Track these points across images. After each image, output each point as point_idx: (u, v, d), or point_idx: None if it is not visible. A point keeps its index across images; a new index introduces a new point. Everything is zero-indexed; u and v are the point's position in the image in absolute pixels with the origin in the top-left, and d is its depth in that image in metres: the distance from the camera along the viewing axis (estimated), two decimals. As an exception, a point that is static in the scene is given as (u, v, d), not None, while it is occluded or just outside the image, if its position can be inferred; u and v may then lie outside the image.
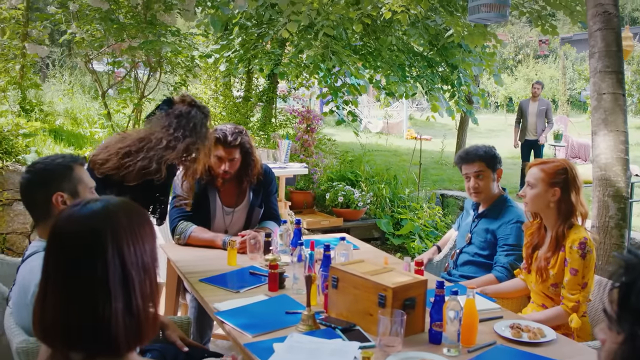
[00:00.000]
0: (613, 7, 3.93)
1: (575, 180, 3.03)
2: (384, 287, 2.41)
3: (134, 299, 1.41)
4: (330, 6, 6.37)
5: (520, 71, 28.03)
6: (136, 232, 1.44)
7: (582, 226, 3.02)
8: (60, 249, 1.40)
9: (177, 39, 7.43)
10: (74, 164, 2.38)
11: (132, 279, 1.41)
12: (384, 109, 19.71)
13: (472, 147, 3.76)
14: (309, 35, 7.66)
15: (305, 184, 8.08)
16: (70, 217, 1.43)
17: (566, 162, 3.12)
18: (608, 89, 3.88)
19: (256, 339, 2.37)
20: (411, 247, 7.24)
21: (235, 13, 7.51)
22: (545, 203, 3.05)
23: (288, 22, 6.01)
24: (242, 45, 8.00)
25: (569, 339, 2.60)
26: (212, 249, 3.65)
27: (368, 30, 8.53)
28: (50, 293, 1.39)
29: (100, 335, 1.36)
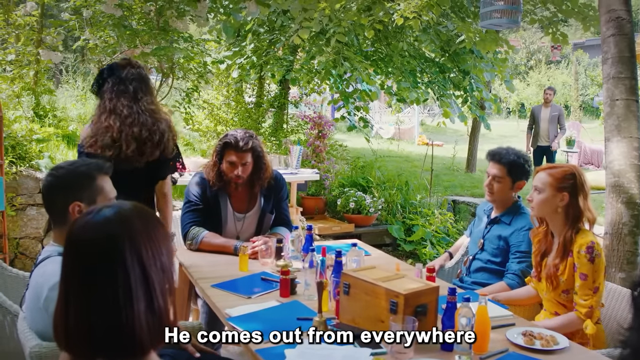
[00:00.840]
0: (626, 12, 3.91)
1: (583, 186, 3.02)
2: (395, 294, 2.40)
3: (155, 299, 1.42)
4: (342, 12, 6.38)
5: (533, 77, 27.97)
6: (151, 235, 1.46)
7: (589, 231, 3.01)
8: (79, 256, 1.42)
9: (189, 45, 7.46)
10: (98, 174, 2.37)
11: (152, 280, 1.42)
12: (395, 114, 19.70)
13: (505, 150, 3.68)
14: (321, 42, 7.68)
15: (316, 189, 8.09)
16: (85, 225, 1.45)
17: (574, 167, 3.11)
18: (621, 95, 3.86)
19: (268, 345, 2.37)
20: (422, 254, 7.22)
21: (247, 19, 7.53)
22: (553, 208, 3.04)
23: (300, 28, 6.02)
24: (254, 52, 8.03)
25: (582, 347, 2.58)
26: (224, 254, 3.66)
27: (379, 36, 8.53)
28: (73, 301, 1.40)
29: (125, 337, 1.37)
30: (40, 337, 2.17)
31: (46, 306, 2.10)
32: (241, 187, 3.84)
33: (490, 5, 5.02)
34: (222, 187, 3.81)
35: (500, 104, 10.91)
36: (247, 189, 3.88)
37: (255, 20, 7.83)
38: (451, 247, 4.37)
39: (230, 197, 3.88)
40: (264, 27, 8.24)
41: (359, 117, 8.83)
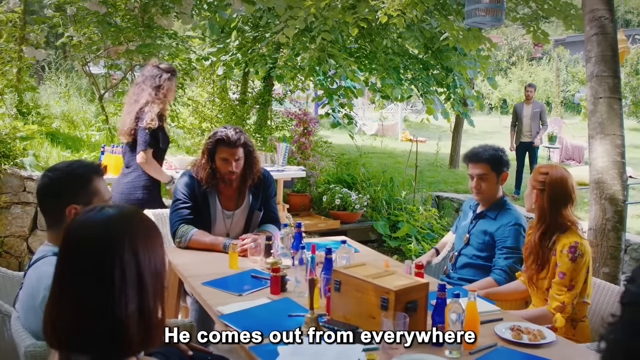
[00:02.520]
0: (608, 12, 3.97)
1: (554, 188, 3.09)
2: (386, 290, 2.44)
3: (146, 302, 1.44)
4: (327, 10, 6.40)
5: (514, 73, 28.15)
6: (150, 239, 1.49)
7: (576, 231, 3.06)
8: (77, 254, 1.43)
9: (173, 42, 7.46)
10: (93, 175, 2.36)
11: (146, 282, 1.44)
12: (379, 111, 19.76)
13: (480, 148, 3.78)
14: (305, 39, 7.70)
15: (302, 186, 8.11)
16: (84, 223, 1.46)
17: (553, 169, 3.16)
18: (604, 93, 3.93)
19: (260, 342, 2.40)
20: (408, 249, 7.27)
21: (233, 17, 7.54)
22: (530, 203, 3.19)
23: (285, 26, 6.04)
24: (239, 49, 8.03)
25: (568, 341, 2.64)
26: (213, 252, 3.67)
27: (363, 33, 8.57)
28: (67, 298, 1.41)
29: (116, 336, 1.39)
30: (34, 336, 2.17)
31: (42, 307, 2.11)
32: (230, 185, 3.86)
33: (475, 3, 5.07)
34: (212, 185, 3.83)
35: (482, 100, 10.99)
36: (235, 187, 3.90)
37: (240, 18, 7.83)
38: (437, 243, 4.42)
39: (218, 195, 3.89)
40: (248, 24, 8.24)
41: (343, 113, 8.86)
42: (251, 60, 7.94)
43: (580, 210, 7.36)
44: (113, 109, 7.75)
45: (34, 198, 5.83)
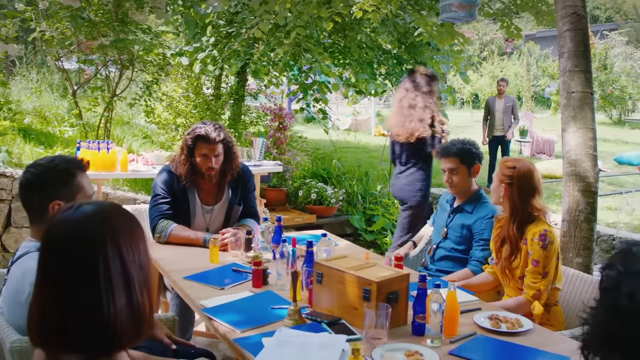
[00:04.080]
0: (581, 8, 4.06)
1: (522, 181, 3.17)
2: (368, 282, 2.48)
3: (135, 295, 1.45)
4: (302, 5, 6.41)
5: (486, 68, 28.41)
6: (131, 232, 1.49)
7: (544, 220, 3.15)
8: (59, 253, 1.42)
9: (148, 36, 7.41)
10: (77, 171, 2.35)
11: (132, 277, 1.45)
12: (352, 106, 19.81)
13: (450, 142, 3.87)
14: (279, 34, 7.69)
15: (278, 181, 8.13)
16: (64, 222, 1.45)
17: (520, 163, 3.25)
18: (577, 87, 4.01)
19: (245, 334, 2.43)
20: (384, 243, 7.34)
21: (208, 12, 7.50)
22: (497, 196, 3.27)
23: (260, 20, 6.04)
24: (214, 46, 8.01)
25: (544, 328, 2.71)
26: (193, 246, 3.69)
27: (337, 28, 8.59)
28: (51, 297, 1.40)
29: (106, 332, 1.40)
30: (20, 332, 2.17)
31: (28, 302, 2.11)
32: (209, 180, 3.87)
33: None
34: (191, 180, 3.84)
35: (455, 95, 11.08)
36: (214, 182, 3.92)
37: (215, 13, 7.80)
38: (415, 236, 4.48)
39: (198, 190, 3.91)
40: (223, 19, 8.21)
41: (318, 108, 8.88)
42: (226, 57, 7.92)
43: (552, 203, 7.48)
44: (87, 105, 7.68)
45: (7, 195, 5.77)
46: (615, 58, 23.63)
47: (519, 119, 11.13)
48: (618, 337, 1.10)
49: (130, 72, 7.55)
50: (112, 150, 5.32)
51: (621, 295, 1.11)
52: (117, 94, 7.48)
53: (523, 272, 3.13)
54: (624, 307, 1.10)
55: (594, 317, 1.19)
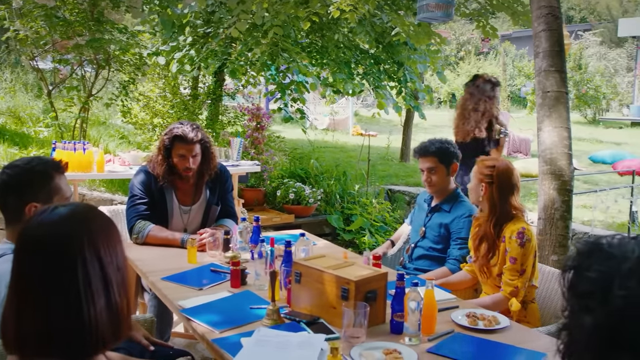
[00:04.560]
0: (556, 9, 4.11)
1: (502, 180, 3.20)
2: (346, 281, 2.49)
3: (113, 298, 1.44)
4: (279, 5, 6.41)
5: (463, 68, 28.58)
6: (108, 234, 1.48)
7: (521, 218, 3.19)
8: (35, 254, 1.40)
9: (124, 36, 7.35)
10: (55, 173, 2.31)
11: (111, 279, 1.44)
12: (330, 105, 19.82)
13: (428, 142, 3.89)
14: (257, 33, 7.68)
15: (256, 181, 8.11)
16: (41, 223, 1.44)
17: (498, 162, 3.29)
18: (552, 87, 4.06)
19: (223, 335, 2.43)
20: (362, 242, 7.36)
21: (185, 12, 7.46)
22: (476, 196, 3.28)
23: (238, 21, 6.02)
24: (192, 45, 7.97)
25: (521, 325, 2.75)
26: (171, 247, 3.67)
27: (315, 28, 8.59)
28: (27, 300, 1.39)
29: (86, 335, 1.38)
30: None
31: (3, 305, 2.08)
32: (187, 180, 3.86)
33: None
34: (168, 181, 3.82)
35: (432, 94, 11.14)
36: (192, 182, 3.90)
37: (192, 13, 7.76)
38: (393, 235, 4.50)
39: (175, 190, 3.89)
40: (200, 19, 8.17)
41: (296, 108, 8.87)
42: (204, 57, 7.88)
43: (528, 201, 7.56)
44: (63, 105, 7.61)
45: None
46: (590, 58, 23.93)
47: (495, 119, 11.20)
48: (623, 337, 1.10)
49: (106, 71, 7.49)
50: (88, 150, 5.28)
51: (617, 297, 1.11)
52: (93, 94, 7.42)
53: (501, 269, 3.16)
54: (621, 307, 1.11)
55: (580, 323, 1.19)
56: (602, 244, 1.19)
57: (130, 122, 8.59)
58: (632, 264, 1.12)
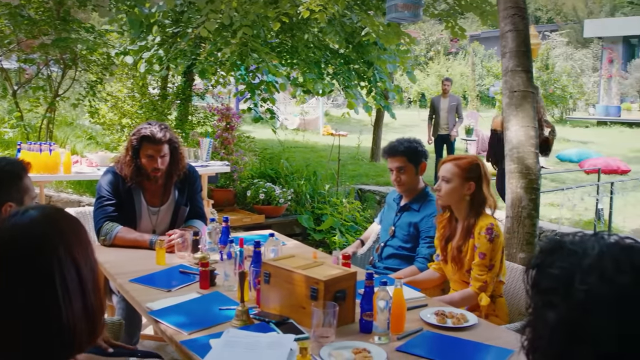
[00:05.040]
0: (523, 9, 4.16)
1: (486, 175, 3.26)
2: (315, 281, 2.49)
3: (89, 298, 1.43)
4: (248, 4, 6.39)
5: (432, 68, 28.79)
6: (79, 235, 1.47)
7: (489, 214, 3.23)
8: (8, 260, 1.38)
9: (91, 36, 7.27)
10: (22, 172, 2.32)
11: (86, 279, 1.43)
12: (300, 105, 19.83)
13: (397, 142, 3.90)
14: (226, 33, 7.64)
15: (226, 181, 8.08)
16: (13, 228, 1.42)
17: (477, 158, 3.35)
18: (519, 87, 4.11)
19: (192, 336, 2.41)
20: (332, 242, 7.36)
21: (153, 11, 7.40)
22: (460, 196, 3.24)
23: (206, 20, 5.99)
24: (160, 45, 7.90)
25: (489, 323, 2.77)
26: (139, 249, 3.63)
27: (285, 28, 8.58)
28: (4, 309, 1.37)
29: (64, 337, 1.37)
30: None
31: None
32: (155, 181, 3.83)
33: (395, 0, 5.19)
34: (136, 181, 3.79)
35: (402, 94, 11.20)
36: (161, 183, 3.87)
37: (160, 13, 7.70)
38: (363, 234, 4.51)
39: (143, 191, 3.85)
40: (169, 19, 8.11)
41: (266, 108, 8.86)
42: (172, 56, 7.82)
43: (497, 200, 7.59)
44: (28, 106, 7.49)
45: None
46: (557, 58, 24.28)
47: (463, 118, 11.32)
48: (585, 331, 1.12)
49: (73, 71, 7.40)
50: (54, 151, 5.20)
51: (579, 292, 1.13)
52: (59, 94, 7.32)
53: (470, 265, 3.19)
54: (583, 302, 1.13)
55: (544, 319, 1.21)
56: (564, 242, 1.22)
57: (98, 122, 8.49)
58: (592, 260, 1.15)
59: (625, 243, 1.18)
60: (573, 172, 11.79)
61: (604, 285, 1.12)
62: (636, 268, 1.13)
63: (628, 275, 1.12)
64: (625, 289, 1.11)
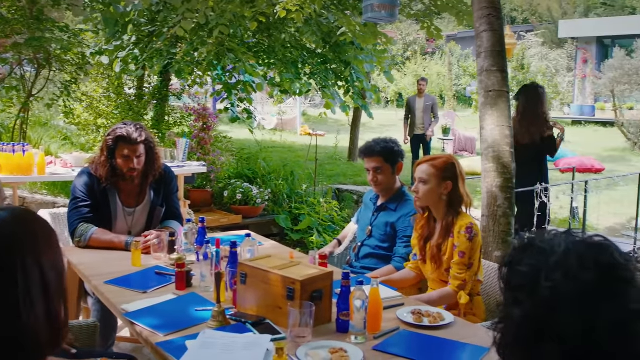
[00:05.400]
0: (496, 9, 4.19)
1: (462, 173, 3.28)
2: (292, 281, 2.49)
3: (53, 303, 1.41)
4: (225, 4, 6.36)
5: (409, 67, 28.86)
6: (47, 238, 1.45)
7: (467, 214, 3.25)
8: None
9: (65, 35, 7.19)
10: None
11: (50, 284, 1.40)
12: (278, 105, 19.80)
13: (373, 142, 3.90)
14: (203, 33, 7.60)
15: (203, 182, 8.04)
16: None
17: (452, 157, 3.37)
18: (494, 86, 4.13)
19: (168, 338, 2.39)
20: (310, 242, 7.36)
21: (128, 10, 7.34)
22: (438, 196, 3.26)
23: (183, 19, 5.95)
24: (136, 45, 7.83)
25: (465, 321, 2.79)
26: (115, 250, 3.60)
27: (262, 28, 8.56)
28: None
29: (26, 343, 1.34)
30: None
31: None
32: (131, 181, 3.79)
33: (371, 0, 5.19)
34: (111, 182, 3.75)
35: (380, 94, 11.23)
36: (136, 183, 3.84)
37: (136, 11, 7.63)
38: (339, 234, 4.51)
39: (119, 192, 3.82)
40: (144, 18, 8.04)
41: (243, 108, 8.83)
42: (149, 56, 7.76)
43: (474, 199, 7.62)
44: (1, 106, 7.39)
45: None
46: (532, 58, 24.50)
47: (438, 118, 11.37)
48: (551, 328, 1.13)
49: (47, 71, 7.31)
50: (28, 152, 5.13)
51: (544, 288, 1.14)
52: (33, 95, 7.24)
53: (449, 264, 3.20)
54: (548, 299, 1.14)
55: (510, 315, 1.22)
56: (535, 240, 1.23)
57: (73, 123, 8.40)
58: (558, 257, 1.16)
59: (592, 241, 1.20)
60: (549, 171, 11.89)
61: (568, 282, 1.13)
62: (600, 265, 1.15)
63: (592, 272, 1.14)
64: (588, 286, 1.13)
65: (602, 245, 1.19)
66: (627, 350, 1.12)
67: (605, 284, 1.14)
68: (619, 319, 1.11)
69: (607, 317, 1.10)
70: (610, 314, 1.11)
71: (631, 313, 1.12)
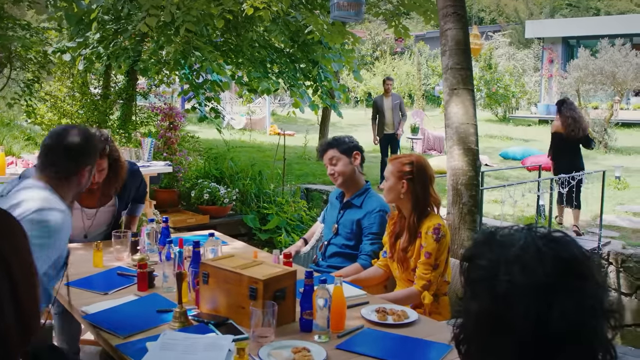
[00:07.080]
0: (461, 8, 4.20)
1: (422, 173, 3.26)
2: (254, 280, 2.46)
3: (23, 309, 1.36)
4: (190, 1, 6.30)
5: (378, 67, 28.99)
6: (17, 238, 1.40)
7: (437, 214, 3.25)
8: None
9: (27, 33, 7.07)
10: None
11: (20, 289, 1.35)
12: (247, 105, 19.73)
13: (323, 142, 3.96)
14: (169, 31, 7.53)
15: (169, 182, 7.95)
16: None
17: (415, 157, 3.36)
18: (459, 85, 4.15)
19: (128, 340, 2.35)
20: (278, 242, 7.33)
21: (92, 7, 7.23)
22: (397, 194, 3.28)
23: (147, 16, 5.89)
24: (100, 42, 7.72)
25: (429, 319, 2.79)
26: (76, 251, 3.52)
27: (229, 26, 8.51)
28: None
29: None
30: None
31: None
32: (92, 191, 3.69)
33: (338, -1, 5.20)
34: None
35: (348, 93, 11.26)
36: (98, 192, 3.75)
37: (100, 8, 7.53)
38: (306, 233, 4.49)
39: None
40: (109, 15, 7.93)
41: (210, 107, 8.77)
42: (113, 53, 7.66)
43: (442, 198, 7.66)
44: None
45: None
46: (500, 58, 24.74)
47: (406, 116, 11.38)
48: (506, 321, 1.13)
49: (8, 70, 7.18)
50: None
51: (501, 282, 1.14)
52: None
53: (415, 264, 3.20)
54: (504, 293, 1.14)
55: (468, 309, 1.22)
56: (495, 234, 1.23)
57: (36, 122, 8.25)
58: (517, 251, 1.16)
59: (552, 236, 1.20)
60: (516, 170, 12.02)
61: (524, 276, 1.13)
62: (558, 259, 1.15)
63: (549, 267, 1.13)
64: (545, 279, 1.13)
65: (562, 241, 1.19)
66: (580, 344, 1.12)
67: (561, 278, 1.14)
68: (573, 314, 1.11)
69: (561, 311, 1.10)
70: (565, 308, 1.11)
71: (586, 308, 1.12)
